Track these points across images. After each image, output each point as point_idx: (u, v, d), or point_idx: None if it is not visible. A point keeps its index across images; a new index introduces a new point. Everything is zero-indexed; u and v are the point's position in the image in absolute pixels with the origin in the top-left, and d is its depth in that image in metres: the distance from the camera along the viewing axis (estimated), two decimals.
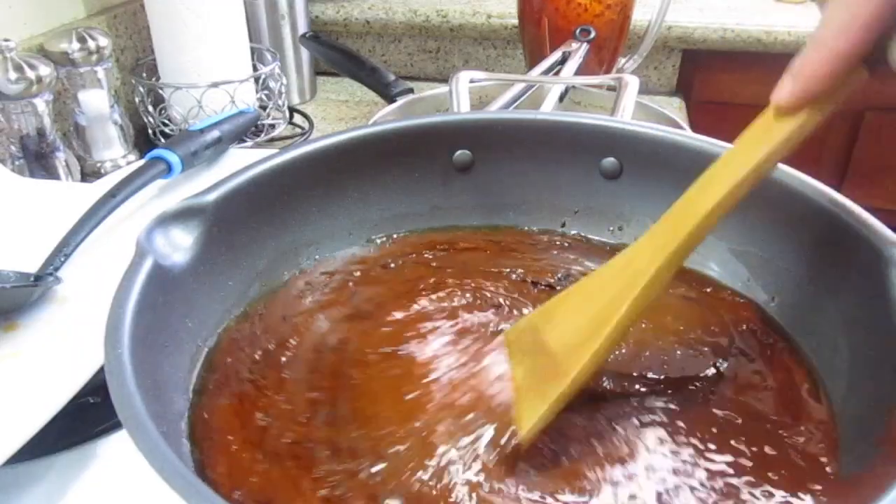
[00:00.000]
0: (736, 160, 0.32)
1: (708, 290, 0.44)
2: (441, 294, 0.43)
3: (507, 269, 0.45)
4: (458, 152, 0.49)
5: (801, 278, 0.40)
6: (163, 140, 0.80)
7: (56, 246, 0.50)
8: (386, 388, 0.36)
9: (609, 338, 0.32)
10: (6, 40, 0.62)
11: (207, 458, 0.32)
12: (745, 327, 0.41)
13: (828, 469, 0.32)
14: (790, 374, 0.37)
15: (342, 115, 0.95)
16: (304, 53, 0.95)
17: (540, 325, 0.35)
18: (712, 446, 0.33)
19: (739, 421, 0.35)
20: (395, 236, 0.49)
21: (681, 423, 0.34)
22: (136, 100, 0.80)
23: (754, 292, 0.43)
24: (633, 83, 0.64)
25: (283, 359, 0.39)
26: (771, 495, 0.31)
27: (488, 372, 0.36)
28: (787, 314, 0.41)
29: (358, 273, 0.45)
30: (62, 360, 0.41)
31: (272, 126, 0.86)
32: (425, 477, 0.31)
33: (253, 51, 0.85)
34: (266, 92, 0.84)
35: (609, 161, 0.48)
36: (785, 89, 0.31)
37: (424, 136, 0.48)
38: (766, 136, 0.32)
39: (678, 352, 0.39)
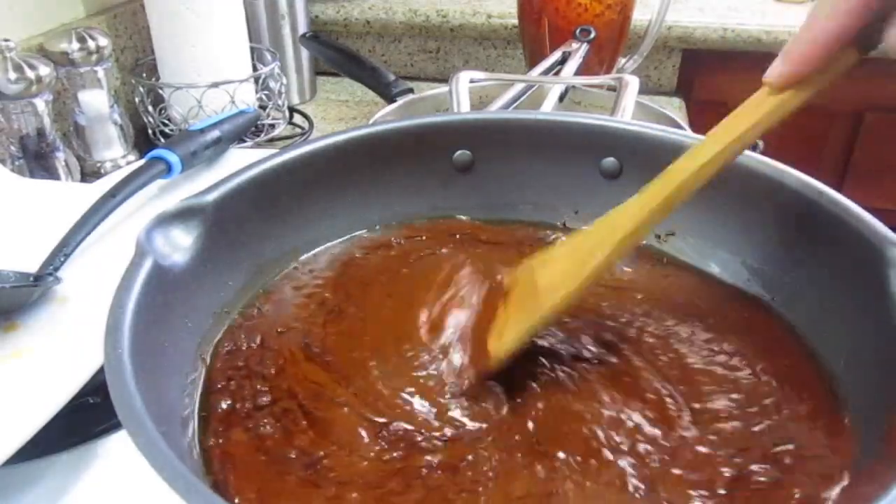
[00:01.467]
0: (723, 132, 0.35)
1: (709, 290, 0.44)
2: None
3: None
4: (458, 152, 0.49)
5: (801, 278, 0.40)
6: (163, 140, 0.80)
7: (56, 246, 0.50)
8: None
9: (586, 279, 0.36)
10: (6, 40, 0.62)
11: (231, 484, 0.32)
12: (746, 327, 0.41)
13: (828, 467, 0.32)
14: (791, 374, 0.37)
15: (342, 115, 0.95)
16: (304, 53, 0.95)
17: (536, 268, 0.39)
18: (714, 439, 0.33)
19: (741, 419, 0.35)
20: (395, 234, 0.49)
21: (686, 422, 0.34)
22: (136, 100, 0.80)
23: (755, 292, 0.43)
24: (633, 83, 0.64)
25: (282, 362, 0.39)
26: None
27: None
28: (787, 314, 0.41)
29: (358, 272, 0.45)
30: (62, 360, 0.41)
31: (272, 126, 0.86)
32: None
33: (253, 51, 0.85)
34: (266, 92, 0.84)
35: (609, 161, 0.48)
36: (775, 69, 0.33)
37: (424, 136, 0.48)
38: (754, 111, 0.34)
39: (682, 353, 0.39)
